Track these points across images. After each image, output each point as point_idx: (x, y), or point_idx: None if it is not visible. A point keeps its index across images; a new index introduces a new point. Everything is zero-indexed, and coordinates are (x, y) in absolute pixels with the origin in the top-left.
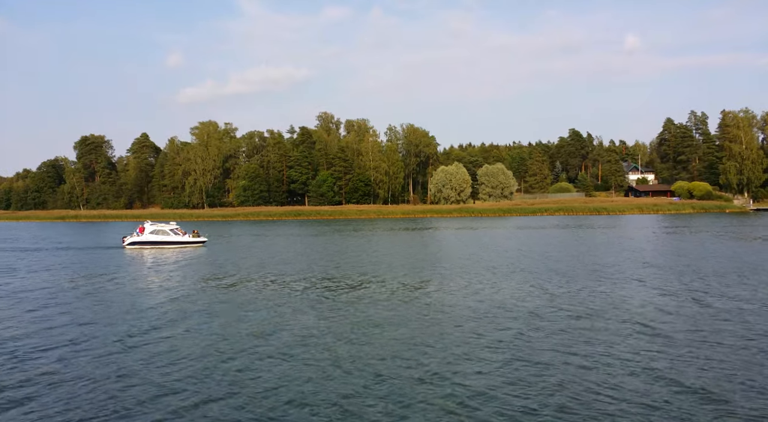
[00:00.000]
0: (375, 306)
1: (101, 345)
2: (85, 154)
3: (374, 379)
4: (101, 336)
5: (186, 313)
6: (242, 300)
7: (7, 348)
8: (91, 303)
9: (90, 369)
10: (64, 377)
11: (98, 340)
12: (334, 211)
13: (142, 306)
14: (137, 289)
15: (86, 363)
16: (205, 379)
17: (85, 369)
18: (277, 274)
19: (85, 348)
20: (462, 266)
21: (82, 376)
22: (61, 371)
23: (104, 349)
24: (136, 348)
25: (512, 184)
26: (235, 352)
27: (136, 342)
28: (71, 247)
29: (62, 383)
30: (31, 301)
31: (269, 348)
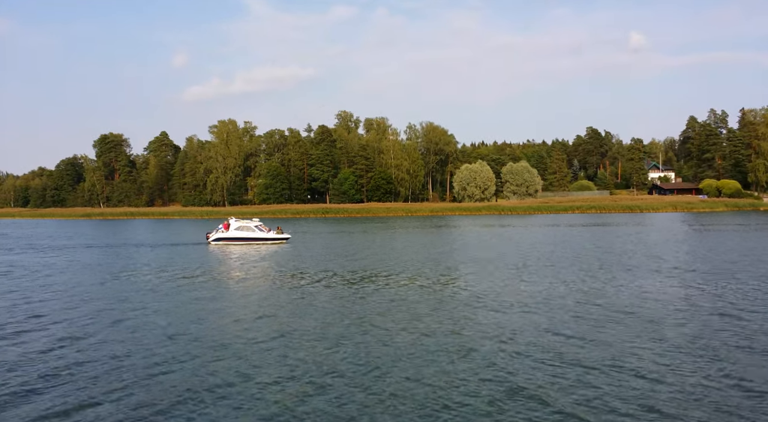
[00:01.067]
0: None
1: (221, 336)
2: (104, 152)
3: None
4: (221, 330)
5: (296, 307)
6: (344, 294)
7: (142, 337)
8: (212, 295)
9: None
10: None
11: (218, 332)
12: (361, 209)
13: (253, 299)
14: (242, 282)
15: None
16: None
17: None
18: (369, 270)
19: (211, 341)
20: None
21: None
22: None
23: (220, 341)
24: (258, 344)
25: (537, 182)
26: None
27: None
28: (158, 244)
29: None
30: (159, 294)
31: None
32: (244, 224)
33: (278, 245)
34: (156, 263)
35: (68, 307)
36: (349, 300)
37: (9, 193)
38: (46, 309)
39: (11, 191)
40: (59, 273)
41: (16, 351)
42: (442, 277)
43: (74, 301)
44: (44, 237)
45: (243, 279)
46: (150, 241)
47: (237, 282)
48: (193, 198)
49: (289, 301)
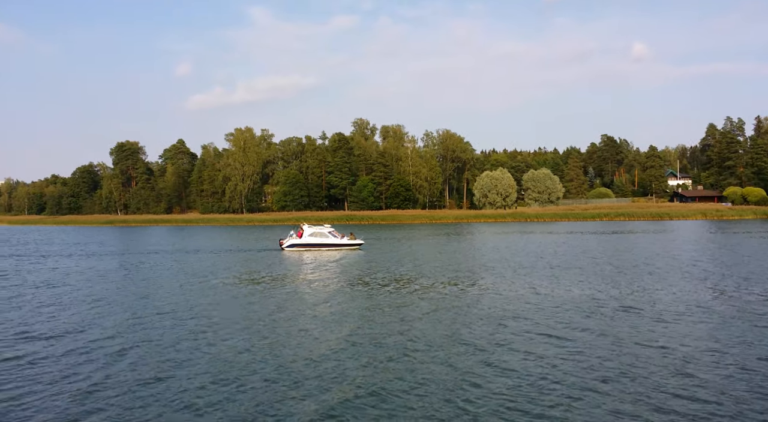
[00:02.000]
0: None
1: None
2: (121, 159)
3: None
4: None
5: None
6: (418, 300)
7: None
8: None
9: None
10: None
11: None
12: (386, 216)
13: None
14: (330, 287)
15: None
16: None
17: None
18: (444, 276)
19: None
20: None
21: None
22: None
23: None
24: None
25: (559, 189)
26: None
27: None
28: (232, 250)
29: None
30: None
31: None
32: (318, 230)
33: (352, 251)
34: (241, 269)
35: (178, 310)
36: (440, 306)
37: (23, 200)
38: (170, 308)
39: (25, 198)
40: (152, 278)
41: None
42: (527, 283)
43: (187, 306)
44: (91, 243)
45: (330, 284)
46: (221, 248)
47: (326, 286)
48: (212, 205)
49: (387, 305)
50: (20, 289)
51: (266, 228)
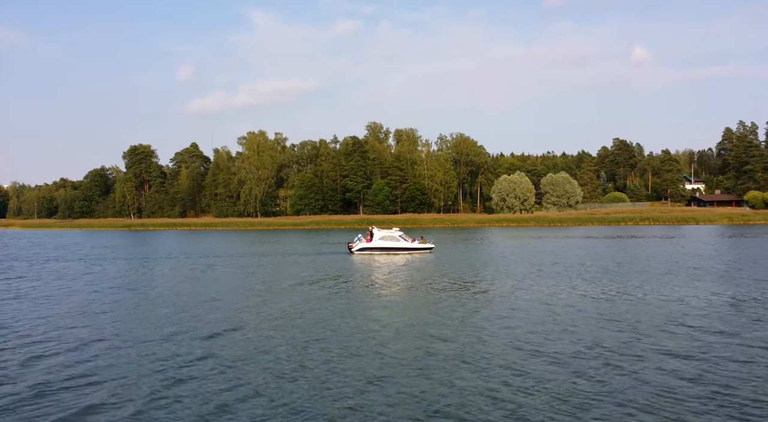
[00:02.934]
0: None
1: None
2: (134, 163)
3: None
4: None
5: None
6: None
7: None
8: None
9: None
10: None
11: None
12: (407, 220)
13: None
14: (407, 291)
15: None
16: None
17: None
18: (523, 283)
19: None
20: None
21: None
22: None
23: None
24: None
25: (578, 193)
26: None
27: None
28: (299, 253)
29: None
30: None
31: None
32: (389, 234)
33: (423, 254)
34: (324, 272)
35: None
36: (520, 311)
37: (32, 203)
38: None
39: (34, 202)
40: (254, 279)
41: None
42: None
43: (268, 310)
44: (139, 246)
45: (406, 288)
46: (285, 251)
47: (404, 290)
48: (227, 209)
49: (466, 311)
50: (155, 295)
51: (289, 232)
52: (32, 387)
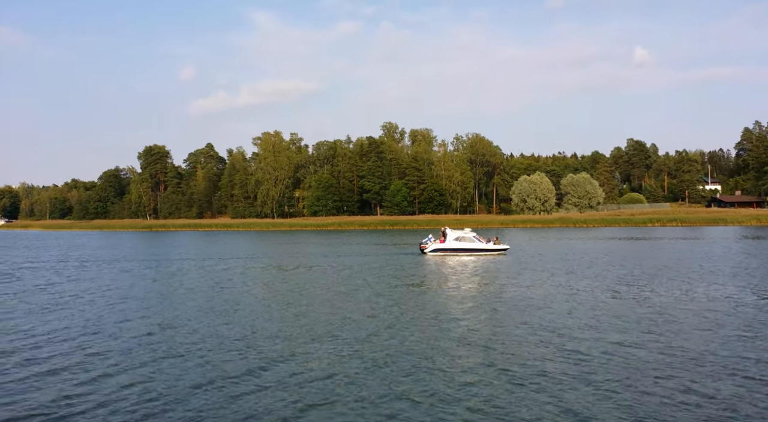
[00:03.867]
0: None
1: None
2: (149, 164)
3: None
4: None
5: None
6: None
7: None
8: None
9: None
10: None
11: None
12: (430, 221)
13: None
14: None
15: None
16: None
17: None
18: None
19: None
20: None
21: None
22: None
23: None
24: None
25: (599, 194)
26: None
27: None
28: (369, 254)
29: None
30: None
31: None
32: (463, 234)
33: (498, 256)
34: (410, 273)
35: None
36: (614, 316)
37: (44, 204)
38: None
39: (47, 203)
40: (341, 281)
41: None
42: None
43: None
44: (179, 247)
45: (486, 292)
46: (357, 252)
47: (479, 293)
48: (244, 210)
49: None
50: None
51: (318, 234)
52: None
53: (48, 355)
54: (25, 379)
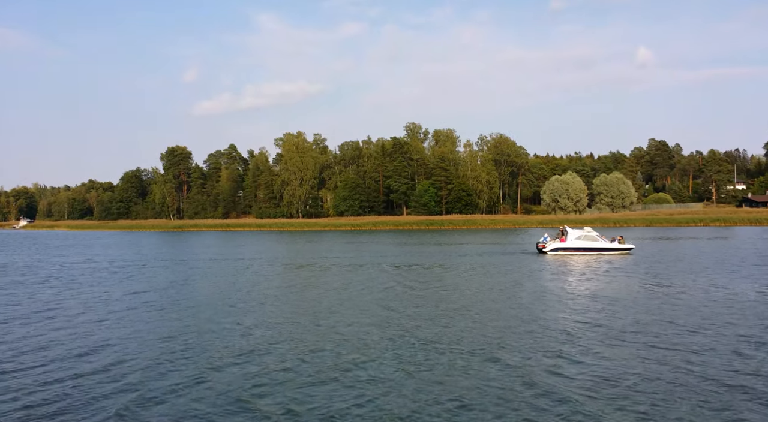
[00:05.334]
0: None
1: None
2: (172, 164)
3: None
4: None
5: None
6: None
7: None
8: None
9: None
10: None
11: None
12: (466, 221)
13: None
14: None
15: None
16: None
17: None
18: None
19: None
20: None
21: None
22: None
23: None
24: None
25: (632, 194)
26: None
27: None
28: (481, 253)
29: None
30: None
31: None
32: (586, 233)
33: (622, 256)
34: (547, 274)
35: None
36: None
37: (62, 205)
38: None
39: (65, 203)
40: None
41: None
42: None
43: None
44: (240, 247)
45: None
46: (464, 252)
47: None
48: (269, 210)
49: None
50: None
51: (361, 233)
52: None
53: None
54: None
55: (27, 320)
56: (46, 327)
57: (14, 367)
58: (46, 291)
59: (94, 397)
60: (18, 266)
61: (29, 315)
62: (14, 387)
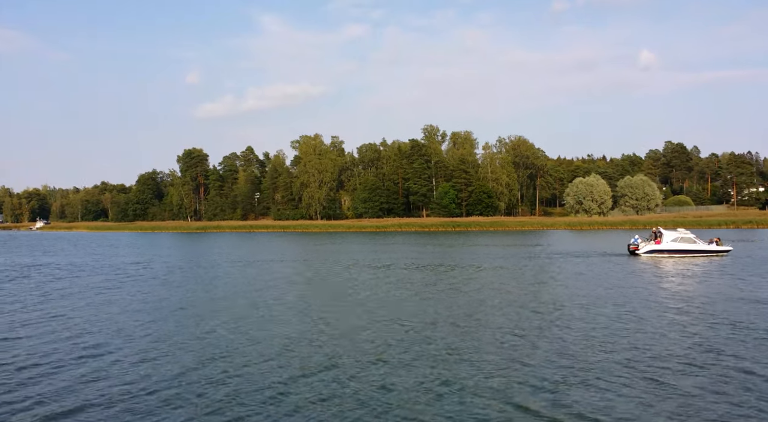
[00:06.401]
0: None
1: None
2: (189, 167)
3: None
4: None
5: None
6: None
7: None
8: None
9: None
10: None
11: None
12: (494, 222)
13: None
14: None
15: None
16: None
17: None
18: None
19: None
20: None
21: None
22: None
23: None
24: None
25: (657, 196)
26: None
27: None
28: (569, 254)
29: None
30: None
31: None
32: (683, 235)
33: (720, 257)
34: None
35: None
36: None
37: (76, 206)
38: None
39: (78, 205)
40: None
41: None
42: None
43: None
44: (285, 248)
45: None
46: (567, 252)
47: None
48: (288, 212)
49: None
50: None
51: (398, 234)
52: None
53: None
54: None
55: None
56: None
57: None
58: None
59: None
60: (104, 266)
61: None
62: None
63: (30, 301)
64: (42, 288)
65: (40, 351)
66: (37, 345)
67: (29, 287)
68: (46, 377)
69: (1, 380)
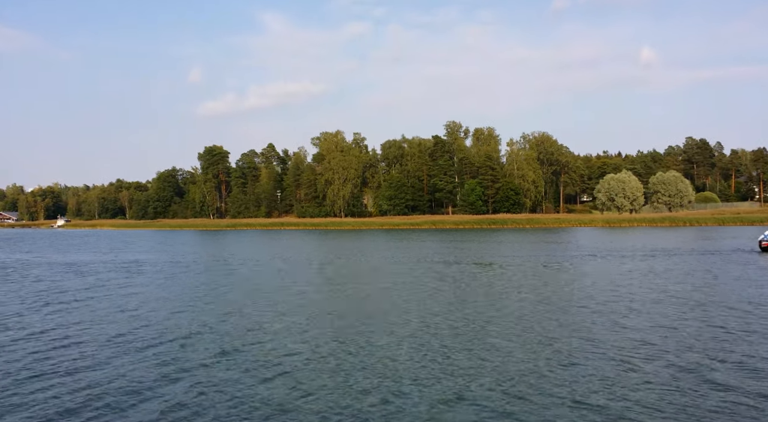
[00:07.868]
0: None
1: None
2: (210, 164)
3: None
4: None
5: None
6: None
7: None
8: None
9: None
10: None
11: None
12: (530, 219)
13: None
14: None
15: None
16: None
17: None
18: None
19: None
20: None
21: None
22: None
23: None
24: None
25: (690, 193)
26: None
27: None
28: (684, 253)
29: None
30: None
31: None
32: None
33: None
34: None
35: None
36: None
37: (92, 204)
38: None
39: (95, 202)
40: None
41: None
42: None
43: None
44: (355, 246)
45: None
46: (688, 250)
47: None
48: (311, 209)
49: None
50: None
51: (441, 232)
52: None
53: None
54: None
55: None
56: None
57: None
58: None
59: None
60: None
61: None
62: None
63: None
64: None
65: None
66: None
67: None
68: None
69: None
